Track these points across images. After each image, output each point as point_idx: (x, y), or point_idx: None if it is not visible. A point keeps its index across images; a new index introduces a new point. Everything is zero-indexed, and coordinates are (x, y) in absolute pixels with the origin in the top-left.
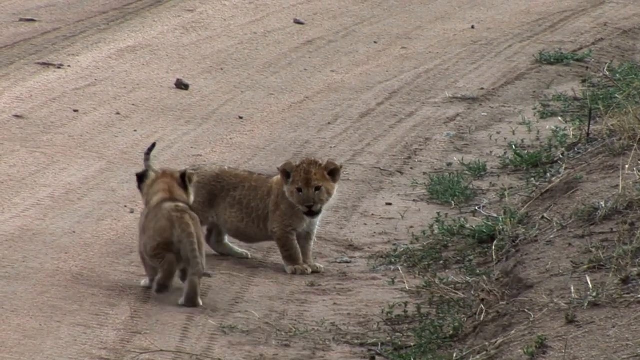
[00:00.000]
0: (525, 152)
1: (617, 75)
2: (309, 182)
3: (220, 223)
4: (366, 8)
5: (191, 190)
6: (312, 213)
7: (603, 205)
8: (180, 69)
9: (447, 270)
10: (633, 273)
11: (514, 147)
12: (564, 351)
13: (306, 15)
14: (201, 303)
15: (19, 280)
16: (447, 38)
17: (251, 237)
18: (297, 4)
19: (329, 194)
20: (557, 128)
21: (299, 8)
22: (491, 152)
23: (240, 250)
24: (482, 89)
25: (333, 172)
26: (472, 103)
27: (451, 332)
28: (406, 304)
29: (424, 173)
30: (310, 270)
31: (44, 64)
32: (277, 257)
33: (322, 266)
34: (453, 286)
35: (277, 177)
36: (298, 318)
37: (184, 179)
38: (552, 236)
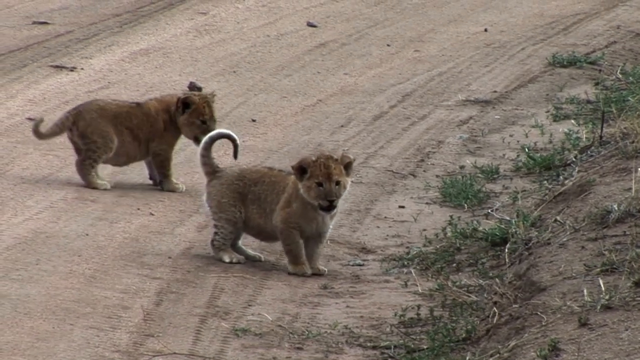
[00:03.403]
0: (538, 155)
1: (630, 78)
2: (330, 176)
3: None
4: (379, 11)
5: (186, 114)
6: (332, 207)
7: (616, 208)
8: (193, 71)
9: (459, 273)
10: None
11: (526, 149)
12: (576, 354)
13: (319, 18)
14: None
15: (32, 282)
16: (460, 41)
17: (270, 235)
18: (311, 6)
19: (345, 188)
20: (570, 131)
21: (312, 11)
22: (504, 154)
23: (253, 252)
24: (495, 91)
25: (347, 166)
26: (485, 106)
27: (464, 335)
28: (419, 306)
29: (437, 176)
30: (310, 272)
31: (57, 66)
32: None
33: (325, 269)
34: (466, 289)
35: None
36: (311, 321)
37: (177, 103)
38: (565, 239)
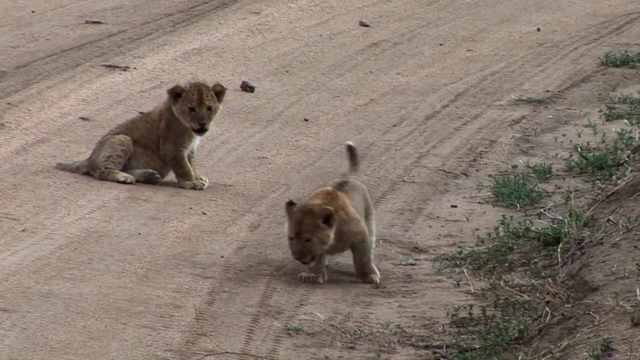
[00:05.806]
0: (591, 154)
1: None
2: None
3: None
4: (432, 10)
5: (178, 103)
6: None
7: None
8: (245, 71)
9: (512, 273)
10: None
11: (579, 149)
12: (629, 354)
13: (372, 18)
14: None
15: (85, 281)
16: (513, 40)
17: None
18: (363, 6)
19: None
20: (622, 130)
21: (365, 10)
22: (557, 154)
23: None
24: (548, 91)
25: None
26: (537, 105)
27: (516, 334)
28: (471, 306)
29: (489, 175)
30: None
31: (109, 66)
32: (341, 259)
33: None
34: (518, 289)
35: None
36: (363, 320)
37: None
38: (617, 239)
